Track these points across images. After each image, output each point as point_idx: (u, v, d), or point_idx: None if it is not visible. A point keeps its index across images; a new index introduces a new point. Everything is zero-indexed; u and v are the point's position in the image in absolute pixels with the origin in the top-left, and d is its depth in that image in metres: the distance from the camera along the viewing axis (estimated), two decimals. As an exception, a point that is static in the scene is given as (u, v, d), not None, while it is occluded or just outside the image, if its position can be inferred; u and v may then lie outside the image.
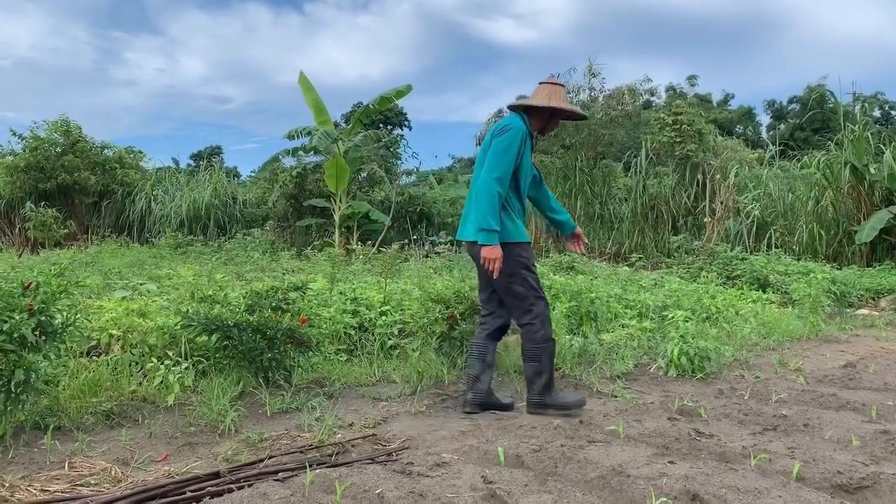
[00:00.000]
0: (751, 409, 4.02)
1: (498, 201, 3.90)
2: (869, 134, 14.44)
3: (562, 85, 4.28)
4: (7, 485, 2.79)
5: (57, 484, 2.84)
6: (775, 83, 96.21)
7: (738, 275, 10.40)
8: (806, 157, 17.53)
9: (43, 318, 3.41)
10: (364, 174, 19.04)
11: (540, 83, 4.27)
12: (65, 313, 3.64)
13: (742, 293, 8.77)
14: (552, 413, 4.00)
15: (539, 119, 4.20)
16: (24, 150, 19.62)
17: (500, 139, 3.98)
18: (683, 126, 15.95)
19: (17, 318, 3.28)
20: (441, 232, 13.64)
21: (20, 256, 13.84)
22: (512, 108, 4.24)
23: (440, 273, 9.57)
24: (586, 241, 4.70)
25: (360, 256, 12.47)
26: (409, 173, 24.34)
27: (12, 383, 3.23)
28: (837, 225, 13.96)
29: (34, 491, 2.76)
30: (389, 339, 5.36)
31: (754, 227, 14.96)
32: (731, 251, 11.67)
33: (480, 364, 4.12)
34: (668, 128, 16.23)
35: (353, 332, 5.41)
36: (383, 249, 12.62)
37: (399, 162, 22.69)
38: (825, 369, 5.34)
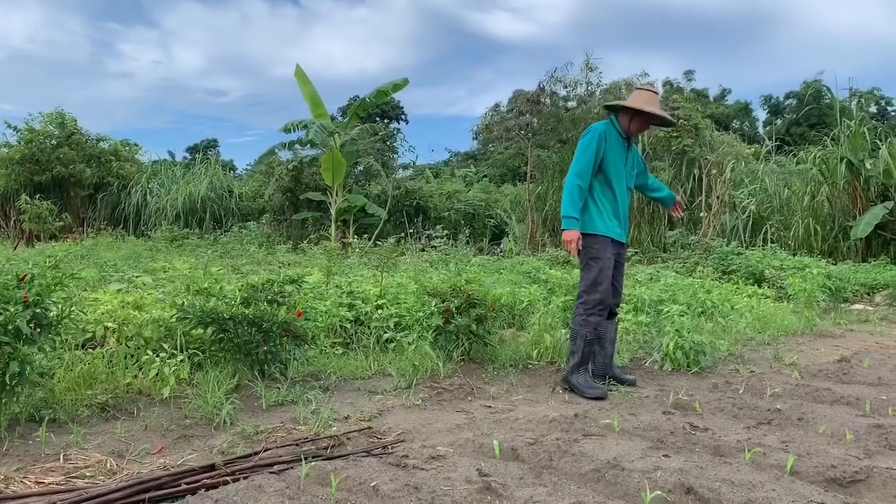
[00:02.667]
0: (745, 403, 4.04)
1: (578, 193, 4.46)
2: (865, 129, 14.46)
3: (653, 91, 4.80)
4: (2, 477, 2.78)
5: (52, 476, 2.84)
6: (772, 78, 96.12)
7: (734, 270, 10.43)
8: (802, 152, 17.57)
9: (38, 311, 3.40)
10: (360, 168, 19.04)
11: (635, 88, 4.98)
12: (60, 306, 3.62)
13: (737, 288, 8.80)
14: (573, 392, 4.42)
15: (625, 119, 4.66)
16: (20, 143, 19.57)
17: (580, 141, 4.59)
18: (680, 121, 15.96)
19: (12, 310, 3.27)
20: (437, 226, 13.63)
21: (15, 249, 13.79)
22: (607, 108, 4.92)
23: (436, 267, 9.57)
24: (684, 205, 5.30)
25: (357, 250, 12.46)
26: (405, 167, 24.37)
27: (7, 375, 3.22)
28: (833, 220, 13.99)
29: (29, 483, 2.76)
30: (385, 332, 5.36)
31: (750, 222, 14.99)
32: (726, 246, 11.70)
33: (599, 342, 4.60)
34: (664, 122, 16.21)
35: (348, 326, 5.41)
36: (379, 243, 12.63)
37: (395, 156, 22.69)
38: (820, 364, 5.36)
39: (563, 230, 4.47)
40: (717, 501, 2.53)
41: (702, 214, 14.90)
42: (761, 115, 48.99)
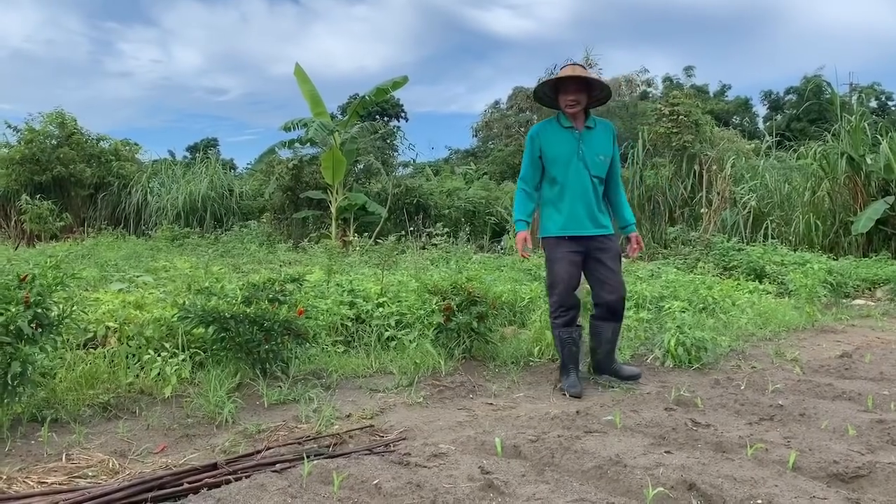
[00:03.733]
0: (747, 399, 4.03)
1: (522, 197, 4.58)
2: (866, 124, 14.43)
3: (570, 65, 4.49)
4: (4, 477, 2.79)
5: (54, 476, 2.84)
6: (772, 74, 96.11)
7: (735, 265, 10.41)
8: (802, 147, 17.53)
9: (39, 311, 3.41)
10: (361, 166, 19.03)
11: None
12: (61, 305, 3.63)
13: (739, 284, 8.79)
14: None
15: (560, 105, 4.49)
16: (20, 143, 19.55)
17: None
18: (680, 117, 15.93)
19: (14, 310, 3.28)
20: (438, 224, 13.62)
21: (16, 249, 13.81)
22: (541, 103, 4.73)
23: (437, 265, 9.57)
24: (641, 247, 4.81)
25: (357, 248, 12.46)
26: (405, 165, 24.35)
27: (9, 375, 3.22)
28: (834, 215, 13.97)
29: (32, 483, 2.76)
30: (386, 330, 5.35)
31: (751, 218, 14.96)
32: (727, 242, 11.67)
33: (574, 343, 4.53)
34: (664, 119, 16.22)
35: (350, 324, 5.41)
36: (380, 241, 12.62)
37: (396, 154, 22.66)
38: (821, 359, 5.36)
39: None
40: (719, 498, 2.53)
41: (702, 210, 14.89)
42: (761, 110, 49.01)
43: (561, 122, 4.49)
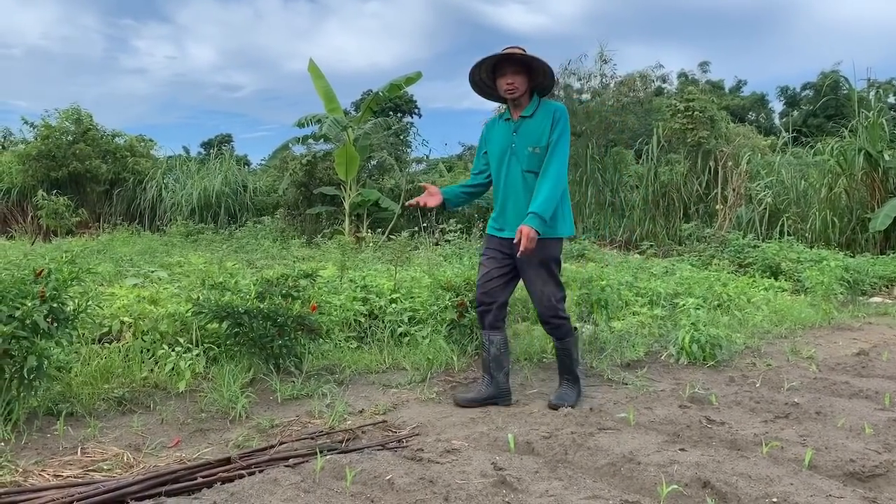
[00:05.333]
0: (762, 396, 4.00)
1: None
2: (884, 120, 14.27)
3: (517, 47, 3.95)
4: (21, 470, 2.81)
5: (70, 469, 2.86)
6: (788, 69, 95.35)
7: (750, 262, 10.35)
8: (819, 143, 17.37)
9: (55, 305, 3.43)
10: (374, 162, 19.02)
11: None
12: (76, 300, 3.65)
13: (754, 281, 8.73)
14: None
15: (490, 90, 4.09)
16: (36, 139, 19.69)
17: None
18: (695, 113, 15.83)
19: (30, 304, 3.30)
20: (451, 220, 13.60)
21: (32, 244, 13.92)
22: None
23: (450, 261, 9.56)
24: (527, 245, 3.62)
25: (370, 244, 12.48)
26: (418, 161, 24.32)
27: (25, 369, 3.25)
28: (851, 212, 13.84)
29: (47, 476, 2.78)
30: (399, 326, 5.36)
31: (766, 215, 14.84)
32: (742, 238, 11.61)
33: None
34: (679, 114, 16.12)
35: (363, 320, 5.42)
36: (393, 237, 12.62)
37: (409, 150, 22.65)
38: (838, 357, 5.31)
39: None
40: (734, 496, 2.51)
41: (717, 207, 14.80)
42: (777, 106, 48.58)
43: (504, 115, 4.07)
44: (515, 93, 3.88)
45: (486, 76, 4.00)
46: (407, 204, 4.22)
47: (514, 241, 3.70)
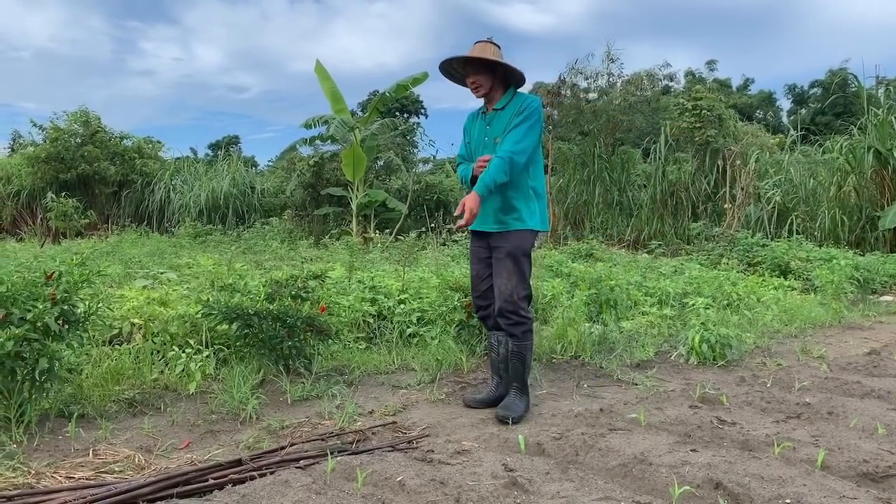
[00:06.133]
0: (773, 396, 3.98)
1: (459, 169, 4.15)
2: (893, 118, 14.18)
3: (488, 42, 3.89)
4: (33, 472, 2.82)
5: (82, 471, 2.87)
6: (796, 67, 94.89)
7: (759, 261, 10.31)
8: (828, 141, 17.28)
9: (66, 308, 3.44)
10: (381, 163, 19.04)
11: None
12: (87, 302, 3.67)
13: (763, 280, 8.69)
14: None
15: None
16: (45, 141, 19.80)
17: None
18: (703, 111, 15.79)
19: (41, 307, 3.32)
20: (457, 220, 13.62)
21: (42, 246, 13.99)
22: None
23: (458, 261, 9.55)
24: (464, 213, 3.59)
25: (378, 245, 12.48)
26: (425, 161, 24.33)
27: (36, 371, 3.26)
28: (860, 210, 13.77)
29: (60, 478, 2.79)
30: (408, 327, 5.36)
31: (775, 214, 14.78)
32: (751, 237, 11.56)
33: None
34: (687, 113, 16.08)
35: (371, 321, 5.42)
36: (401, 238, 12.64)
37: (415, 150, 22.67)
38: (849, 357, 5.28)
39: None
40: (746, 497, 2.50)
41: (726, 206, 14.75)
42: (785, 104, 48.39)
43: (482, 108, 4.03)
44: (480, 90, 3.86)
45: (459, 67, 3.96)
46: (456, 228, 4.09)
47: (455, 213, 3.65)
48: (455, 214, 3.66)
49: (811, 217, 14.61)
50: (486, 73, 3.83)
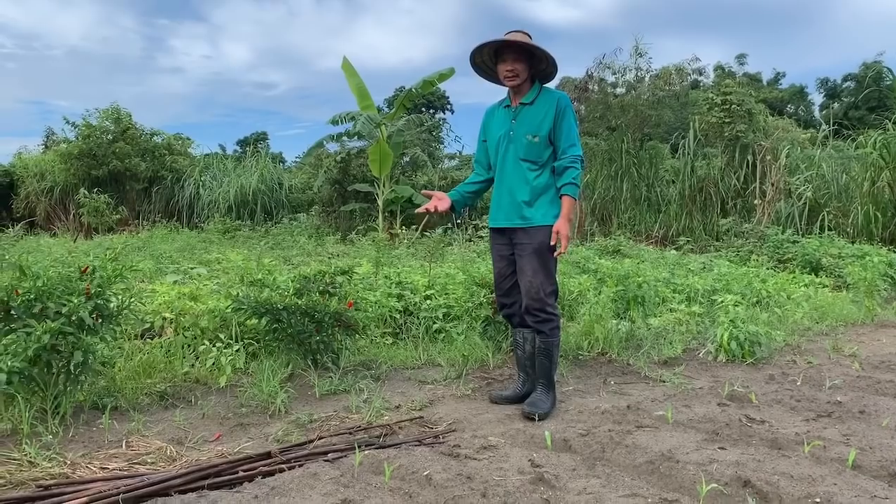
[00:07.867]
0: (803, 395, 3.94)
1: (470, 178, 4.14)
2: (929, 112, 13.90)
3: (521, 31, 3.83)
4: (68, 462, 2.89)
5: (115, 462, 2.93)
6: (828, 61, 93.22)
7: (790, 258, 10.17)
8: (861, 136, 16.96)
9: (99, 302, 3.51)
10: (407, 159, 19.08)
11: None
12: (120, 297, 3.73)
13: (794, 277, 8.57)
14: None
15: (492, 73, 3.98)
16: (77, 138, 20.11)
17: None
18: (733, 106, 15.57)
19: (76, 301, 3.39)
20: (484, 216, 13.58)
21: (75, 241, 14.24)
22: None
23: (483, 257, 9.55)
24: (563, 246, 3.71)
25: (404, 241, 12.52)
26: (451, 157, 24.32)
27: (71, 364, 3.33)
28: (895, 206, 13.51)
29: (94, 469, 2.86)
30: (434, 322, 5.38)
31: (806, 209, 14.55)
32: (782, 234, 11.41)
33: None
34: (716, 108, 15.87)
35: (398, 316, 5.45)
36: (427, 234, 12.67)
37: (441, 146, 22.68)
38: (882, 355, 5.19)
39: None
40: (775, 495, 2.48)
41: (756, 202, 14.55)
42: (817, 98, 47.54)
43: (504, 101, 3.98)
44: (515, 80, 3.78)
45: (489, 59, 3.89)
46: (416, 212, 4.12)
47: (552, 242, 3.69)
48: (552, 244, 3.70)
49: (843, 213, 14.35)
50: (524, 62, 3.76)
